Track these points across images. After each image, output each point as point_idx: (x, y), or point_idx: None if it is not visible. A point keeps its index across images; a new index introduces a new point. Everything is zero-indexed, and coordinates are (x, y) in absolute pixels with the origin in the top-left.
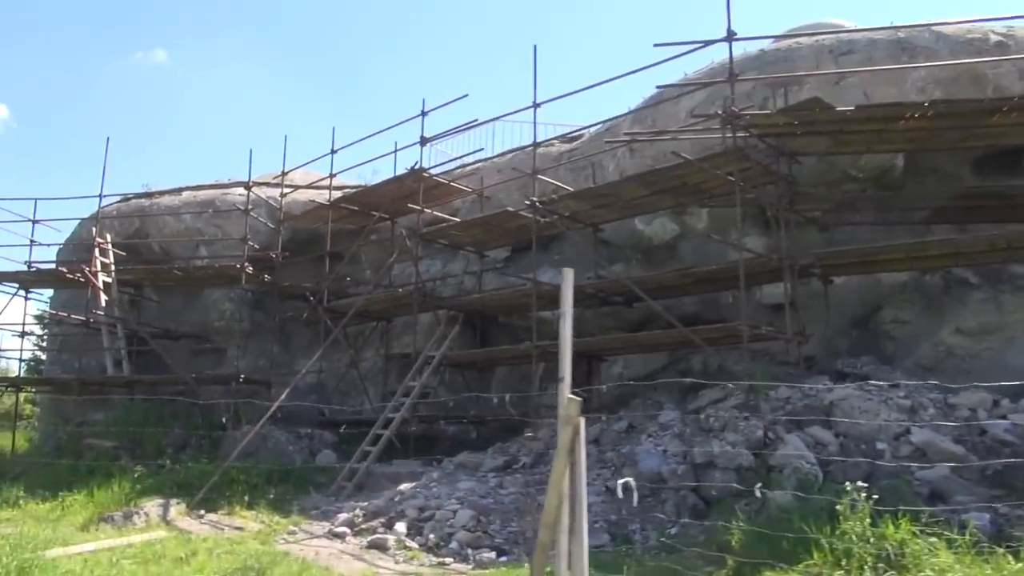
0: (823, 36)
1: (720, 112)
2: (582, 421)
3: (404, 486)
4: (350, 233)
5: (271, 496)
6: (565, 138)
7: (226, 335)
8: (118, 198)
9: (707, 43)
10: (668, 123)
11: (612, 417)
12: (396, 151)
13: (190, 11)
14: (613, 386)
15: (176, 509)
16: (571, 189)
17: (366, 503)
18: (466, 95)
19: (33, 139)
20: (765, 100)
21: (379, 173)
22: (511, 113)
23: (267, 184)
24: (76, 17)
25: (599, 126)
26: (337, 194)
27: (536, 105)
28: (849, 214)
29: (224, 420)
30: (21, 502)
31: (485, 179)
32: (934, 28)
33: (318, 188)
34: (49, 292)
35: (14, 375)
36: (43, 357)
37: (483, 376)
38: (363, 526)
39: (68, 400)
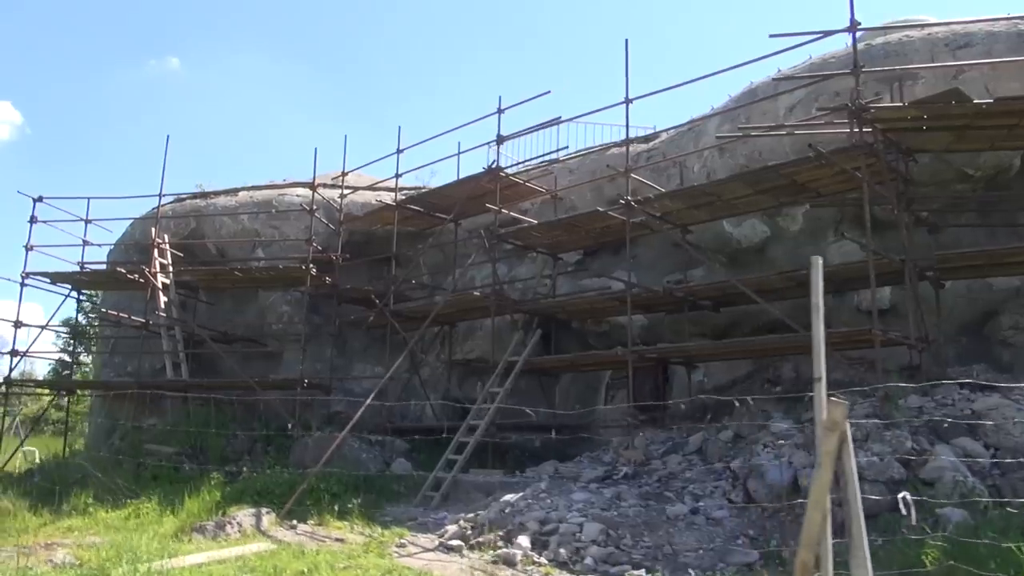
0: (936, 28)
1: (848, 104)
2: (848, 427)
3: (510, 497)
4: (407, 236)
5: (355, 506)
6: (641, 139)
7: (281, 339)
8: (171, 198)
9: (827, 33)
10: (764, 120)
11: (714, 426)
12: (460, 152)
13: (203, 19)
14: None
15: (268, 519)
16: (658, 189)
17: (471, 514)
18: (548, 92)
19: (45, 145)
20: (877, 95)
21: (437, 175)
22: (602, 109)
23: (326, 185)
24: (89, 26)
25: (683, 126)
26: (399, 196)
27: (628, 101)
28: (955, 215)
29: (290, 426)
30: (91, 509)
31: (557, 180)
32: None
33: (381, 189)
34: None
35: (37, 378)
36: (81, 359)
37: (545, 384)
38: (479, 539)
39: (122, 404)
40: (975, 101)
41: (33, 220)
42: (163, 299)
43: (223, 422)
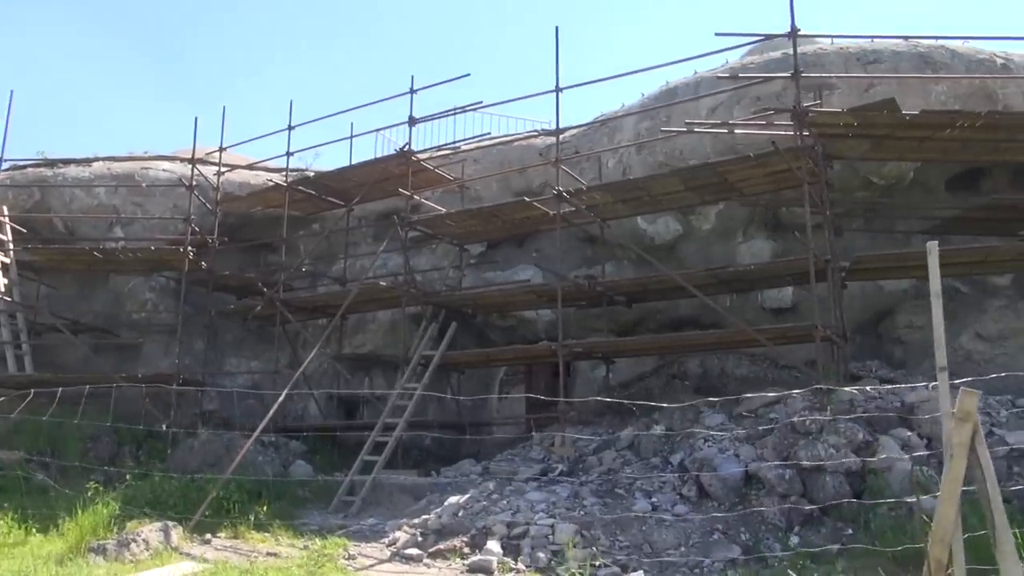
0: (847, 43)
1: (792, 106)
2: (979, 418)
3: (455, 499)
4: (281, 221)
5: (265, 514)
6: (550, 132)
7: (141, 329)
8: (6, 165)
9: (769, 37)
10: (685, 120)
11: (643, 421)
12: (352, 136)
13: None
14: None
15: (176, 533)
16: (581, 183)
17: (416, 519)
18: (468, 74)
19: None
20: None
21: (320, 157)
22: (533, 95)
23: (202, 161)
24: None
25: (595, 122)
26: (288, 176)
27: (559, 90)
28: (847, 220)
29: (164, 426)
30: None
31: (464, 169)
32: (949, 46)
33: (265, 169)
34: None
35: None
36: None
37: (440, 380)
38: (440, 547)
39: None
40: (903, 112)
41: None
42: (3, 280)
43: (80, 425)
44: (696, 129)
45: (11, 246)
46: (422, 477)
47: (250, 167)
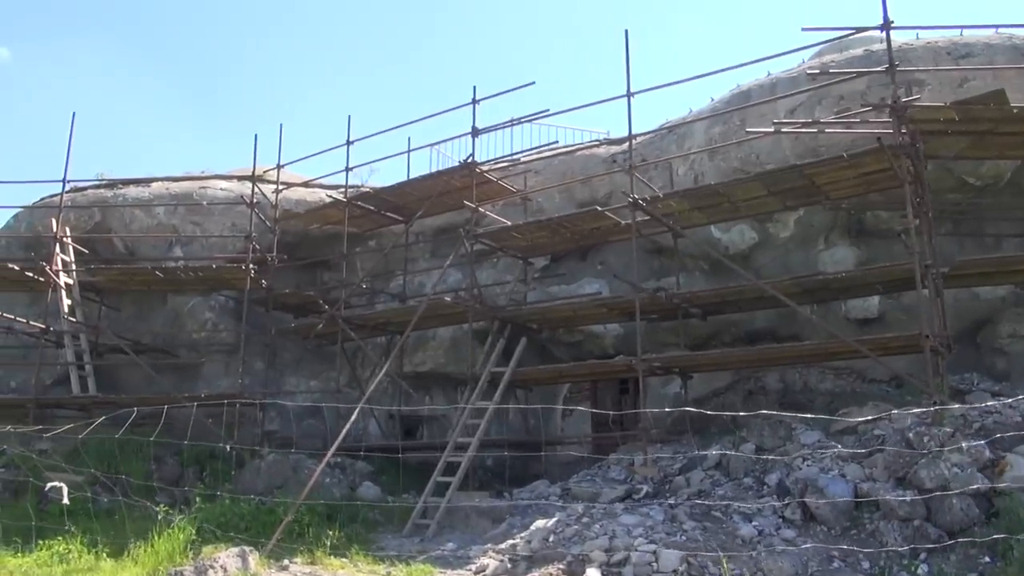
0: (936, 37)
1: (890, 102)
2: None
3: (542, 523)
4: (339, 238)
5: (340, 539)
6: (616, 140)
7: (201, 349)
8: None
9: (860, 29)
10: (762, 122)
11: (729, 440)
12: (409, 150)
13: (37, 8)
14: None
15: (252, 559)
16: (653, 190)
17: (502, 544)
18: (532, 83)
19: None
20: (883, 101)
21: (376, 173)
22: (603, 101)
23: (260, 179)
24: None
25: (662, 129)
26: (348, 192)
27: (630, 95)
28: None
29: (228, 448)
30: None
31: (522, 182)
32: None
33: (322, 186)
34: None
35: None
36: None
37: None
38: (535, 574)
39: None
40: (1011, 106)
41: None
42: (67, 301)
43: (143, 446)
44: (782, 130)
45: (74, 267)
46: (496, 499)
47: (307, 184)
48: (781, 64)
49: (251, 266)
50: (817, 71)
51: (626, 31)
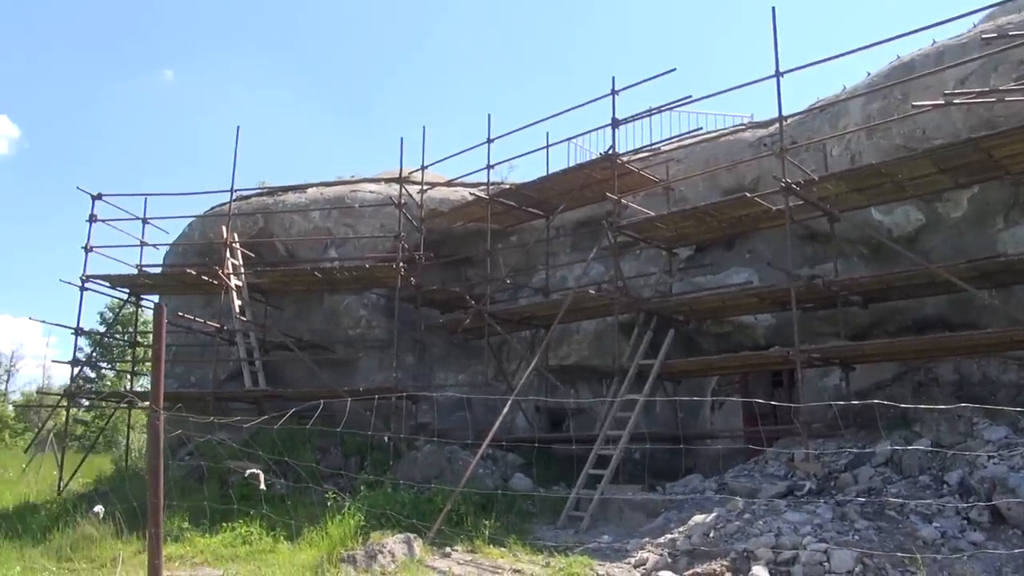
0: None
1: None
2: None
3: (700, 518)
4: (482, 235)
5: (496, 528)
6: (761, 123)
7: (356, 345)
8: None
9: None
10: (926, 96)
11: (900, 435)
12: (548, 145)
13: (196, 32)
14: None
15: (418, 546)
16: (806, 173)
17: (661, 539)
18: (673, 69)
19: (44, 159)
20: None
21: (516, 170)
22: (750, 83)
23: (406, 180)
24: (85, 41)
25: (813, 108)
26: (489, 190)
27: (779, 74)
28: None
29: (387, 439)
30: (186, 534)
31: (663, 172)
32: None
33: (463, 185)
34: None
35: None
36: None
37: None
38: (696, 570)
39: (187, 419)
40: None
41: (92, 219)
42: (237, 302)
43: (311, 436)
44: (953, 102)
45: (242, 270)
46: (648, 492)
47: (450, 183)
48: (946, 31)
49: (401, 264)
50: (994, 34)
51: (773, 8)
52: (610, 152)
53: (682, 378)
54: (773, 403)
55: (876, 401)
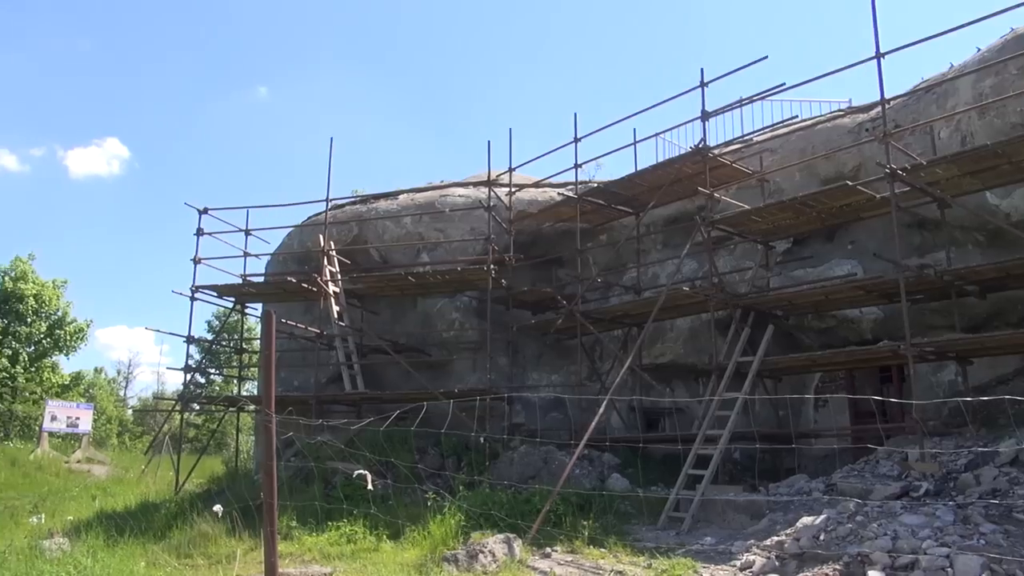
0: None
1: None
2: None
3: (808, 520)
4: (570, 234)
5: (595, 529)
6: (862, 108)
7: (449, 347)
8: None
9: None
10: None
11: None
12: (636, 141)
13: (286, 49)
14: None
15: (518, 546)
16: (912, 156)
17: (768, 540)
18: (765, 57)
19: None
20: None
21: (602, 168)
22: (849, 67)
23: (495, 183)
24: (180, 61)
25: (918, 89)
26: (578, 189)
27: (880, 56)
28: None
29: (482, 439)
30: (294, 532)
31: (757, 163)
32: None
33: (551, 185)
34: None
35: (169, 398)
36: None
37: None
38: (808, 574)
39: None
40: None
41: (200, 232)
42: (336, 308)
43: (408, 438)
44: None
45: (339, 276)
46: (751, 493)
47: (537, 184)
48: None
49: (491, 266)
50: None
51: None
52: (701, 145)
53: (783, 375)
54: (889, 400)
55: (1005, 396)
